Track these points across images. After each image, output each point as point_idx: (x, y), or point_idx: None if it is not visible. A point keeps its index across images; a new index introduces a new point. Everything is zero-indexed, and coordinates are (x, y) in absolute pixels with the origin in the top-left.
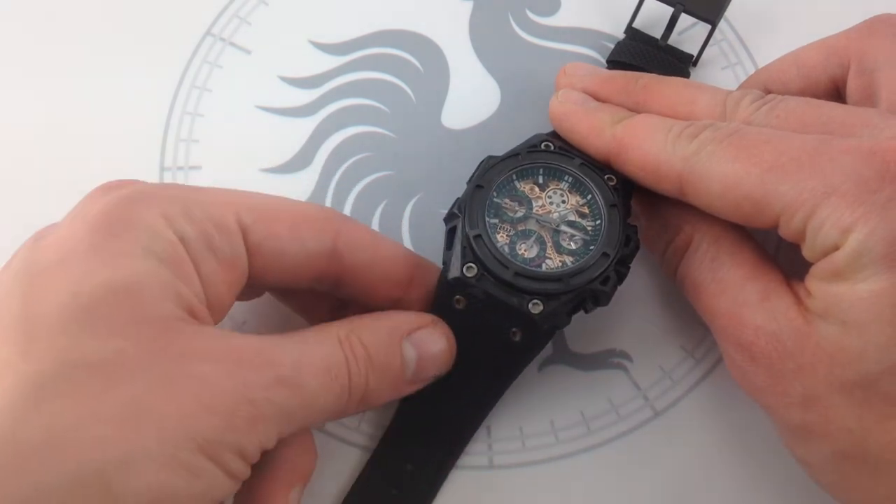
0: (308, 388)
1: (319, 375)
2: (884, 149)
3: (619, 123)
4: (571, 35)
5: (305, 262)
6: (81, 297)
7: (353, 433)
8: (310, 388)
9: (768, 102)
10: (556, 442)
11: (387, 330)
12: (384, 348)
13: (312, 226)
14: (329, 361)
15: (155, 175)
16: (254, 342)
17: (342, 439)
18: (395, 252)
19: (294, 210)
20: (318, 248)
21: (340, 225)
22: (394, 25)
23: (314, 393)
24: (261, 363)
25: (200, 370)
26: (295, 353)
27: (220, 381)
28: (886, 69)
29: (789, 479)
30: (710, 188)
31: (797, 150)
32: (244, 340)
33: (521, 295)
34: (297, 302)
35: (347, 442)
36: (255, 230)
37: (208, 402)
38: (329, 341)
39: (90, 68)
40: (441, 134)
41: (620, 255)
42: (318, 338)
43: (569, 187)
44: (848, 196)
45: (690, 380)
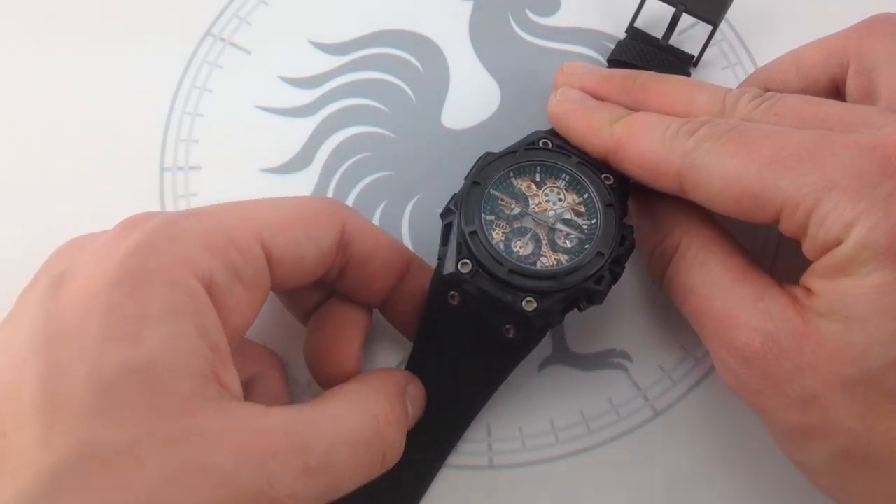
0: (339, 462)
1: (353, 448)
2: (884, 143)
3: (617, 122)
4: (571, 35)
5: (320, 260)
6: (100, 380)
7: None
8: (341, 462)
9: (767, 100)
10: (556, 442)
11: (396, 389)
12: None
13: (323, 222)
14: (362, 434)
15: (155, 175)
16: (281, 422)
17: None
18: (393, 242)
19: (305, 210)
20: (330, 243)
21: (345, 215)
22: (394, 25)
23: (347, 468)
24: (288, 450)
25: (220, 462)
26: (328, 432)
27: (241, 475)
28: (885, 68)
29: (789, 478)
30: (709, 184)
31: (797, 145)
32: (271, 420)
33: (515, 292)
34: (287, 297)
35: None
36: (276, 244)
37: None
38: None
39: (90, 68)
40: (441, 134)
41: (615, 254)
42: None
43: (565, 185)
44: (849, 190)
45: (690, 380)
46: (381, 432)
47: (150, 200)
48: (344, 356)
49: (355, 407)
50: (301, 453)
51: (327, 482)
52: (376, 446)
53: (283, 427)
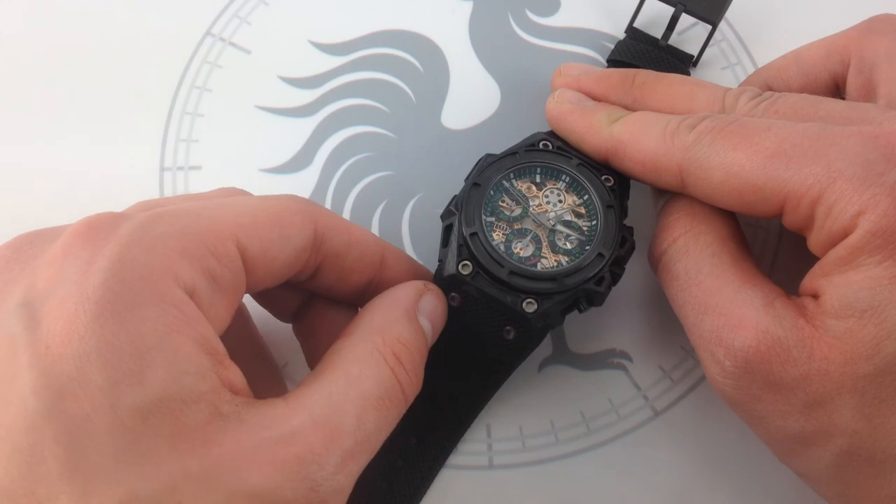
0: (370, 432)
1: (378, 410)
2: (887, 132)
3: (616, 122)
4: (571, 35)
5: (294, 260)
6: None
7: None
8: (371, 431)
9: (767, 99)
10: (556, 442)
11: (404, 313)
12: (413, 334)
13: (296, 221)
14: (382, 389)
15: (155, 175)
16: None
17: None
18: (366, 235)
19: (277, 209)
20: (304, 242)
21: (317, 213)
22: (394, 25)
23: (377, 431)
24: (322, 447)
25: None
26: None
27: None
28: (885, 66)
29: (788, 478)
30: (711, 177)
31: (799, 136)
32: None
33: (515, 293)
34: (265, 298)
35: None
36: (251, 246)
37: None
38: (374, 364)
39: (90, 68)
40: (441, 134)
41: (616, 255)
42: (361, 366)
43: (566, 187)
44: (854, 179)
45: (690, 380)
46: (398, 375)
47: None
48: None
49: (366, 359)
50: (335, 444)
51: (365, 457)
52: (397, 392)
53: (310, 422)
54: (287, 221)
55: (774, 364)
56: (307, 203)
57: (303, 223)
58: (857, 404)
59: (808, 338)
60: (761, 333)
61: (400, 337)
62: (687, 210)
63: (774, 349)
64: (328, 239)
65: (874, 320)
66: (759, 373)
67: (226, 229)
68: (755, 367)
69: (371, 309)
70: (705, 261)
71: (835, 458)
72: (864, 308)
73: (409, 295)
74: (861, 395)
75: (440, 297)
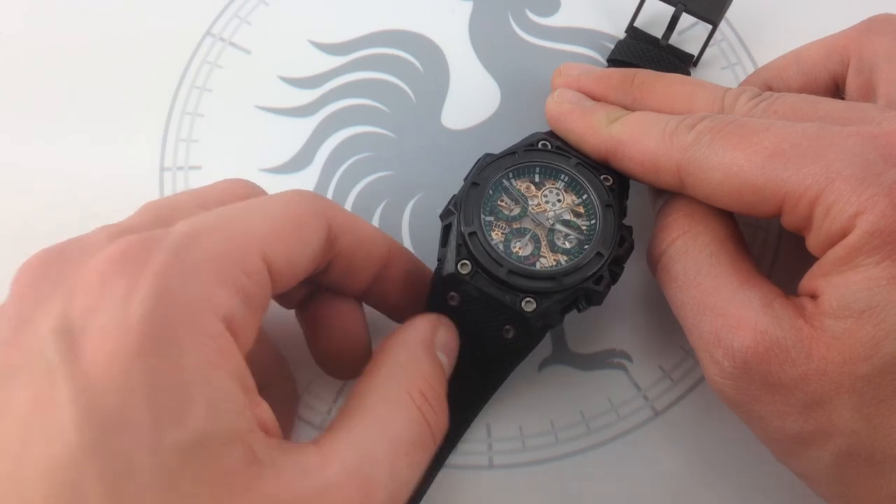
0: (403, 481)
1: (409, 456)
2: (886, 132)
3: (615, 121)
4: (571, 35)
5: (312, 261)
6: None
7: None
8: (404, 480)
9: (766, 99)
10: (556, 442)
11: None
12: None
13: (313, 223)
14: (412, 433)
15: (155, 175)
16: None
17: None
18: (374, 232)
19: (295, 212)
20: (321, 243)
21: (330, 211)
22: (394, 25)
23: (410, 479)
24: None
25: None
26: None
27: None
28: (885, 66)
29: (789, 479)
30: (709, 177)
31: (798, 136)
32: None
33: (514, 293)
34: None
35: None
36: (276, 256)
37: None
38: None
39: (90, 68)
40: (441, 134)
41: (615, 254)
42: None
43: (565, 186)
44: (853, 180)
45: (690, 380)
46: (426, 415)
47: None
48: (358, 346)
49: (394, 401)
50: (371, 496)
51: (400, 498)
52: (426, 435)
53: (344, 474)
54: (306, 225)
55: (773, 364)
56: (320, 200)
57: (319, 224)
58: (856, 404)
59: (806, 338)
60: (760, 334)
61: (424, 374)
62: (685, 210)
63: (773, 350)
64: (340, 237)
65: (872, 321)
66: (757, 373)
67: (253, 243)
68: (754, 368)
69: (393, 346)
70: (704, 261)
71: (834, 459)
72: (862, 308)
73: (426, 329)
74: (860, 395)
75: (453, 329)
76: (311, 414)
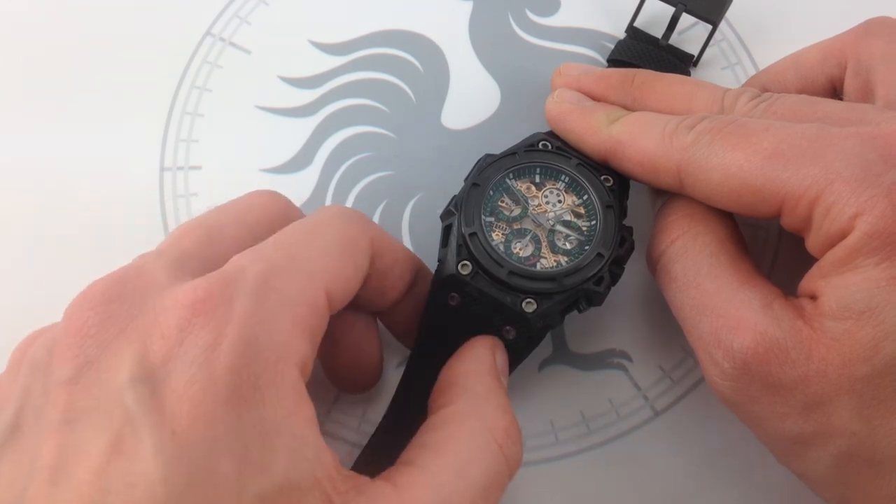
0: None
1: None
2: (885, 133)
3: (615, 122)
4: (571, 35)
5: (359, 283)
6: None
7: (352, 433)
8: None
9: (766, 100)
10: (556, 442)
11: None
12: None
13: (361, 247)
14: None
15: (155, 175)
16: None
17: (342, 439)
18: (406, 253)
19: (347, 239)
20: (366, 266)
21: (372, 232)
22: (394, 25)
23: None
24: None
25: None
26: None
27: None
28: (882, 68)
29: (788, 479)
30: (709, 178)
31: (797, 137)
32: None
33: (514, 293)
34: None
35: (347, 441)
36: (336, 290)
37: None
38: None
39: (89, 68)
40: (441, 134)
41: (615, 255)
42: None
43: (565, 187)
44: (852, 181)
45: (690, 380)
46: (506, 453)
47: (150, 200)
48: (371, 363)
49: (477, 442)
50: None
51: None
52: (503, 475)
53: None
54: (358, 249)
55: (773, 365)
56: (363, 219)
57: (367, 247)
58: (856, 405)
59: (806, 339)
60: (759, 335)
61: (504, 407)
62: (685, 211)
63: (773, 350)
64: (378, 256)
65: (872, 322)
66: (757, 374)
67: (319, 280)
68: (753, 369)
69: (466, 377)
70: (703, 262)
71: (834, 460)
72: (861, 310)
73: (491, 356)
74: (859, 396)
75: (504, 349)
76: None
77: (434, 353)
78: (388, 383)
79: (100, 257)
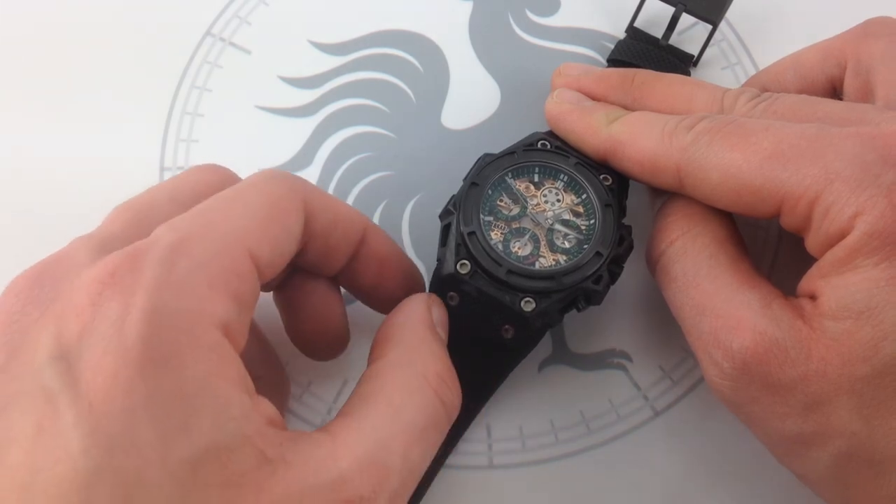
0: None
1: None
2: (884, 133)
3: (614, 121)
4: (571, 35)
5: (293, 247)
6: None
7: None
8: (416, 464)
9: (766, 99)
10: (556, 442)
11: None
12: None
13: (291, 209)
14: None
15: (155, 175)
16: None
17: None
18: (350, 211)
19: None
20: (300, 227)
21: (305, 192)
22: (394, 25)
23: (422, 463)
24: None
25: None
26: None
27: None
28: (881, 68)
29: (788, 479)
30: (708, 178)
31: (797, 137)
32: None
33: (513, 292)
34: None
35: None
36: (262, 252)
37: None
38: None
39: (89, 68)
40: (441, 134)
41: (614, 254)
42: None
43: (564, 186)
44: (851, 181)
45: (690, 380)
46: (442, 397)
47: None
48: (335, 327)
49: (409, 387)
50: (383, 486)
51: (410, 490)
52: (440, 416)
53: (356, 464)
54: (286, 211)
55: (772, 365)
56: (294, 180)
57: (297, 207)
58: (855, 405)
59: (805, 339)
60: (759, 335)
61: (436, 354)
62: (685, 211)
63: (772, 351)
64: (316, 216)
65: (871, 322)
66: (756, 374)
67: (239, 243)
68: (753, 369)
69: (397, 329)
70: (703, 263)
71: (834, 460)
72: (861, 310)
73: (424, 310)
74: (859, 396)
75: (442, 304)
76: (310, 413)
77: None
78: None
79: None
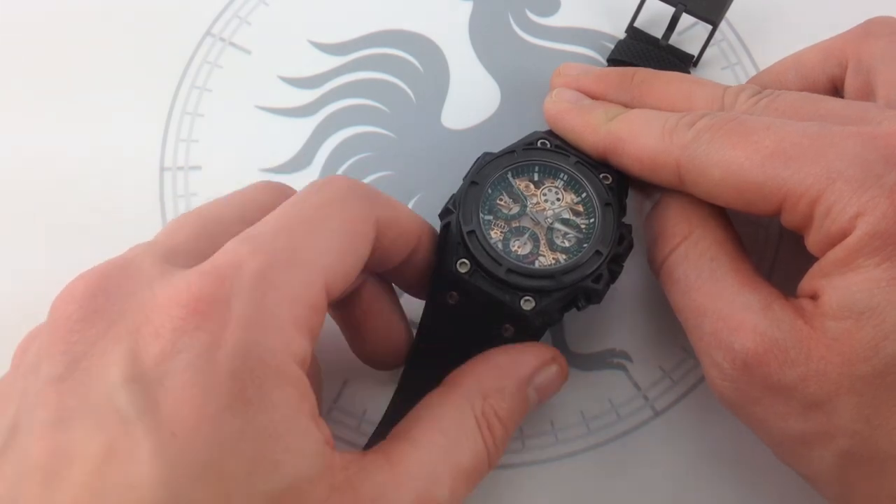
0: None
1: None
2: (886, 133)
3: (613, 119)
4: (571, 35)
5: (358, 270)
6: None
7: (353, 433)
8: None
9: (767, 97)
10: (556, 442)
11: (515, 384)
12: (517, 408)
13: (366, 231)
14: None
15: (155, 175)
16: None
17: (341, 439)
18: (410, 222)
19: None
20: (369, 251)
21: (377, 208)
22: (394, 25)
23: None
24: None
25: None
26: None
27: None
28: (882, 67)
29: (789, 479)
30: (709, 175)
31: (799, 135)
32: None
33: (513, 291)
34: None
35: (347, 441)
36: (336, 282)
37: None
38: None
39: (89, 68)
40: (441, 134)
41: (614, 253)
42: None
43: (564, 185)
44: (853, 181)
45: (690, 380)
46: (489, 448)
47: (150, 200)
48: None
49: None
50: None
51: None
52: (484, 466)
53: (415, 493)
54: (361, 236)
55: (773, 366)
56: (369, 198)
57: (371, 230)
58: (856, 405)
59: (806, 339)
60: (759, 336)
61: (499, 410)
62: (683, 215)
63: (773, 351)
64: (384, 235)
65: (872, 322)
66: (758, 375)
67: (320, 278)
68: (754, 370)
69: (485, 368)
70: (705, 266)
71: (836, 459)
72: (862, 310)
73: (530, 365)
74: (860, 396)
75: (564, 371)
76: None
77: (433, 353)
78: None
79: (100, 258)
